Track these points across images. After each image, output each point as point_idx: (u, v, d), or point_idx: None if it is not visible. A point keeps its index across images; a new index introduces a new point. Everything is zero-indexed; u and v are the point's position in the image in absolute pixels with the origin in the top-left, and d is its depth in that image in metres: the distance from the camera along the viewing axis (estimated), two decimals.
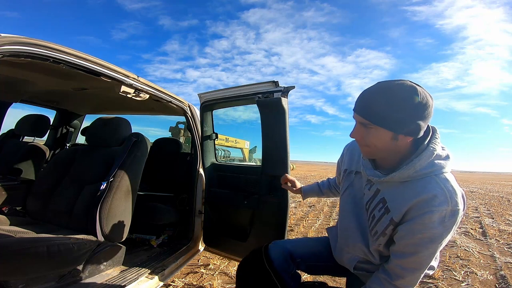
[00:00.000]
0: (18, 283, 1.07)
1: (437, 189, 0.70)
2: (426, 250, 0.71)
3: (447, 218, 0.68)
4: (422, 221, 0.69)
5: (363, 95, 0.74)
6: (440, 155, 0.74)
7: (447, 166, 0.74)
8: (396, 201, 0.75)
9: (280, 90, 1.48)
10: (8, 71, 1.37)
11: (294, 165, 22.43)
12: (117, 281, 1.33)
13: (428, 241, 0.70)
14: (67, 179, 1.59)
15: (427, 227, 0.69)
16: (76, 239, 1.23)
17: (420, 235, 0.70)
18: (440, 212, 0.68)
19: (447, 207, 0.68)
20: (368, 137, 0.74)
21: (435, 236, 0.69)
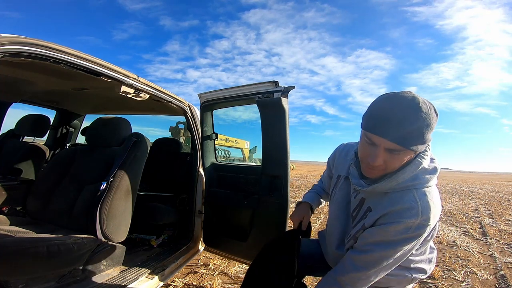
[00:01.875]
0: (18, 283, 1.07)
1: (411, 203, 0.69)
2: (379, 252, 0.72)
3: (412, 229, 0.68)
4: (387, 228, 0.70)
5: (391, 119, 0.65)
6: (426, 169, 0.73)
7: (432, 180, 0.73)
8: (377, 208, 0.76)
9: (280, 90, 1.48)
10: (8, 71, 1.37)
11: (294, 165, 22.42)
12: (117, 281, 1.33)
13: (384, 245, 0.71)
14: (67, 179, 1.59)
15: (389, 233, 0.70)
16: (76, 239, 1.23)
17: (379, 237, 0.72)
18: (406, 224, 0.68)
19: (416, 220, 0.68)
20: (392, 161, 0.69)
21: (393, 242, 0.70)
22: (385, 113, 0.66)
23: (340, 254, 0.88)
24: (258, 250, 1.08)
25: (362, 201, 0.82)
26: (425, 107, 0.65)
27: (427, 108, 0.65)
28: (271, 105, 1.49)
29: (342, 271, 0.79)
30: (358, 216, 0.82)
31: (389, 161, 0.69)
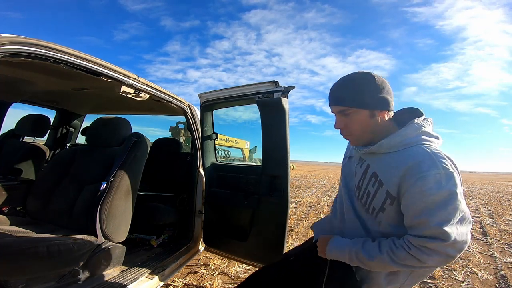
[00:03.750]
0: (18, 283, 1.06)
1: (423, 155, 0.71)
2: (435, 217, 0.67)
3: (444, 181, 0.68)
4: (419, 188, 0.69)
5: (332, 90, 0.84)
6: (428, 133, 0.78)
7: (435, 143, 0.76)
8: (387, 173, 0.76)
9: (280, 90, 1.48)
10: (8, 71, 1.37)
11: (294, 165, 22.44)
12: (117, 281, 1.33)
13: (434, 208, 0.68)
14: (67, 179, 1.59)
15: (425, 194, 0.68)
16: (76, 239, 1.23)
17: (423, 203, 0.68)
18: (433, 177, 0.68)
19: (440, 171, 0.68)
20: (351, 123, 0.81)
21: (440, 201, 0.68)
22: (332, 87, 0.85)
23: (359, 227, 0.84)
24: (258, 250, 1.07)
25: (367, 168, 0.83)
26: (359, 75, 0.80)
27: (363, 75, 0.80)
28: (271, 105, 1.49)
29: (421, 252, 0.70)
30: (365, 183, 0.82)
31: (348, 123, 0.82)
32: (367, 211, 0.81)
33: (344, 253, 0.80)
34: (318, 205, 6.46)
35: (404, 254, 0.70)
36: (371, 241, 0.77)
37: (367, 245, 0.77)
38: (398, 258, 0.71)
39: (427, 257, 0.68)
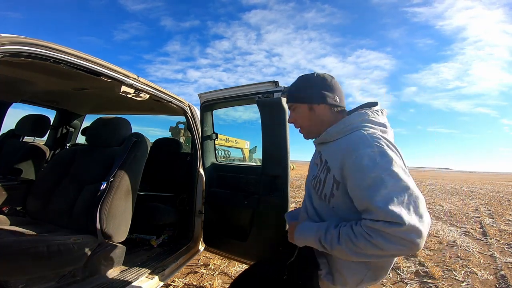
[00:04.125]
0: (18, 283, 1.06)
1: (360, 137, 0.76)
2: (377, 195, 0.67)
3: (379, 158, 0.70)
4: (355, 168, 0.72)
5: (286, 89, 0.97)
6: (373, 120, 0.82)
7: (379, 131, 0.80)
8: (332, 158, 0.81)
9: (280, 90, 1.48)
10: (8, 71, 1.37)
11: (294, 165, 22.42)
12: (117, 281, 1.33)
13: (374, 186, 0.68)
14: (67, 179, 1.59)
15: (362, 172, 0.70)
16: (76, 239, 1.23)
17: (363, 181, 0.70)
18: (367, 155, 0.71)
19: (373, 149, 0.71)
20: (296, 118, 0.92)
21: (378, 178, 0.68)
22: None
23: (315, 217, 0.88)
24: (258, 250, 1.07)
25: (321, 157, 0.87)
26: (305, 75, 0.93)
27: (307, 75, 0.92)
28: (271, 105, 1.49)
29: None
30: (319, 171, 0.86)
31: (295, 118, 0.93)
32: (320, 198, 0.84)
33: (310, 238, 0.80)
34: None
35: (364, 243, 0.68)
36: (333, 227, 0.76)
37: (329, 233, 0.76)
38: (358, 248, 0.70)
39: (389, 244, 0.66)
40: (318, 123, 0.89)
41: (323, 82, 0.89)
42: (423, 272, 2.67)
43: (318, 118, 0.89)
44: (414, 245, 0.65)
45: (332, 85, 0.88)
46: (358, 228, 0.70)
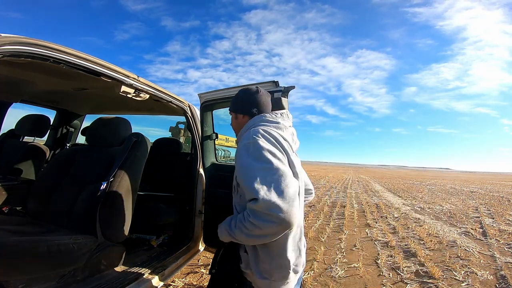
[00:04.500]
0: (18, 283, 1.06)
1: (248, 133, 0.92)
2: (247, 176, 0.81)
3: (252, 148, 0.85)
4: (237, 155, 0.89)
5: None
6: (268, 120, 0.99)
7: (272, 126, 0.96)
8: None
9: (280, 90, 1.48)
10: (8, 71, 1.37)
11: None
12: (117, 281, 1.33)
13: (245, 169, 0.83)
14: (67, 179, 1.59)
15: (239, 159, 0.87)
16: (76, 239, 1.23)
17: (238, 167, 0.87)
18: (244, 145, 0.88)
19: (249, 140, 0.87)
20: (232, 121, 1.12)
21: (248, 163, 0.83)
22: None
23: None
24: None
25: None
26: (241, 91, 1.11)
27: (241, 90, 1.10)
28: (271, 105, 1.49)
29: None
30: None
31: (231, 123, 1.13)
32: (234, 191, 1.01)
33: (224, 233, 0.91)
34: (318, 205, 6.46)
35: (249, 225, 0.79)
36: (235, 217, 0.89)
37: (232, 223, 0.88)
38: (246, 229, 0.80)
39: (261, 222, 0.76)
40: (238, 128, 1.08)
41: (249, 97, 1.06)
42: (423, 272, 2.67)
43: (239, 125, 1.08)
44: (280, 219, 0.74)
45: (255, 100, 1.05)
46: (245, 212, 0.82)
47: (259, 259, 0.90)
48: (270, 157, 0.82)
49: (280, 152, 0.87)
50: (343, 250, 3.33)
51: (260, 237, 0.80)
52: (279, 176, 0.79)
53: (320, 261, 2.96)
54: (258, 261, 0.90)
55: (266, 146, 0.84)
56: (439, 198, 8.91)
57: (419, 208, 6.66)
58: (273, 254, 0.89)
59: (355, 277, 2.58)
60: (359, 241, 3.75)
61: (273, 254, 0.88)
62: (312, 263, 2.86)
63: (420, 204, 7.37)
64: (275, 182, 0.78)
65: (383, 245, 3.60)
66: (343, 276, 2.59)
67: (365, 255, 3.19)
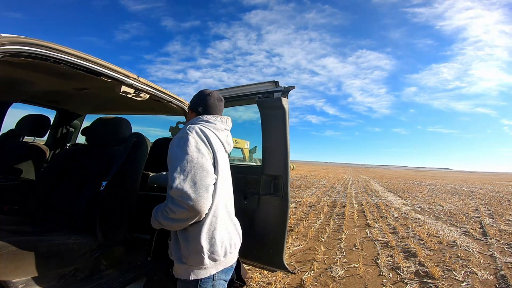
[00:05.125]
0: (18, 283, 1.06)
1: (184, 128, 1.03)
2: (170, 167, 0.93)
3: (182, 142, 0.96)
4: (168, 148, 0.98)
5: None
6: (207, 120, 1.09)
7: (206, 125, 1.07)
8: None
9: (280, 90, 1.48)
10: (8, 71, 1.37)
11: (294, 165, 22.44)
12: (117, 281, 1.33)
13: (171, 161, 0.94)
14: (67, 179, 1.59)
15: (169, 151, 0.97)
16: (76, 239, 1.23)
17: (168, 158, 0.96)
18: (176, 139, 0.98)
19: (182, 135, 0.98)
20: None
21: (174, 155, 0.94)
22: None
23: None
24: (258, 250, 1.09)
25: None
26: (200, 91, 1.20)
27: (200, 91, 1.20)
28: (271, 105, 1.49)
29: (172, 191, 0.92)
30: None
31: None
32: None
33: (153, 219, 1.02)
34: (318, 205, 6.47)
35: (166, 208, 0.92)
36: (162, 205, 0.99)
37: (157, 208, 1.00)
38: (166, 213, 0.92)
39: (175, 207, 0.88)
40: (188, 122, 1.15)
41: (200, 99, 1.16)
42: (423, 272, 2.67)
43: (189, 119, 1.17)
44: (189, 206, 0.87)
45: (206, 103, 1.14)
46: (167, 199, 0.94)
47: (179, 245, 0.98)
48: (194, 151, 0.93)
49: (207, 148, 0.98)
50: (343, 250, 3.33)
51: (175, 221, 0.92)
52: (197, 169, 0.91)
53: (320, 261, 2.96)
54: (178, 246, 0.98)
55: (193, 142, 0.95)
56: (439, 198, 8.91)
57: (419, 208, 6.66)
58: (189, 240, 0.96)
59: (355, 277, 2.58)
60: (359, 241, 3.75)
61: (189, 239, 0.96)
62: (312, 263, 2.86)
63: (420, 204, 7.37)
64: (191, 174, 0.89)
65: (383, 245, 3.60)
66: (343, 276, 2.59)
67: (365, 255, 3.19)
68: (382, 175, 30.86)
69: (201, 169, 0.91)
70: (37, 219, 1.53)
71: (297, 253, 3.22)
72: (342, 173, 30.77)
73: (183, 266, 0.97)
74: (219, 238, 0.99)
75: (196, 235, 0.95)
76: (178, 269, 0.99)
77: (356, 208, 6.30)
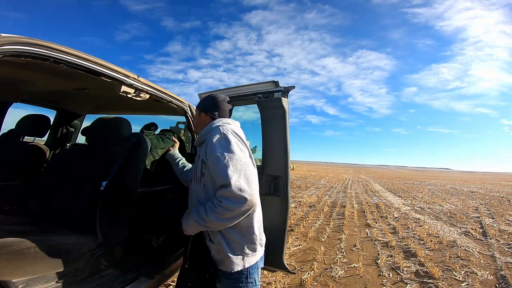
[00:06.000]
0: (18, 283, 1.06)
1: (214, 129, 1.09)
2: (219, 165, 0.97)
3: (222, 141, 1.02)
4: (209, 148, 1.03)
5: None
6: (225, 123, 1.14)
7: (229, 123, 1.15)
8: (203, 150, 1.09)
9: (280, 90, 1.48)
10: (8, 71, 1.37)
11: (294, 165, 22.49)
12: (117, 281, 1.33)
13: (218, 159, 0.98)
14: (67, 179, 1.59)
15: (212, 150, 1.01)
16: (76, 239, 1.23)
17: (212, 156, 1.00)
18: (216, 139, 1.03)
19: (220, 135, 1.04)
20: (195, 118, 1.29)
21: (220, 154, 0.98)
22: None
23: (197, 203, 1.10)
24: None
25: (198, 157, 1.16)
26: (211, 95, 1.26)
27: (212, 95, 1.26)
28: (272, 105, 1.49)
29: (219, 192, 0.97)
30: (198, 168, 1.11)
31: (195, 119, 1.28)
32: (196, 182, 1.11)
33: (190, 223, 1.04)
34: (318, 205, 6.47)
35: (220, 208, 0.94)
36: (200, 206, 1.03)
37: (200, 212, 1.00)
38: (218, 214, 0.95)
39: (233, 205, 0.93)
40: (201, 125, 1.20)
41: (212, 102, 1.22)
42: (423, 272, 2.67)
43: (201, 122, 1.22)
44: (245, 199, 0.92)
45: (219, 105, 1.21)
46: (214, 199, 0.97)
47: (230, 240, 1.03)
48: (238, 150, 1.00)
49: (244, 146, 1.06)
50: (343, 250, 3.33)
51: (232, 219, 0.96)
52: (246, 166, 0.98)
53: (320, 261, 2.96)
54: (229, 242, 1.03)
55: (234, 141, 1.03)
56: (439, 198, 8.91)
57: (419, 208, 6.66)
58: (243, 232, 1.04)
59: (355, 277, 2.58)
60: (359, 241, 3.75)
61: (243, 232, 1.04)
62: (312, 263, 2.86)
63: (420, 204, 7.37)
64: (243, 171, 0.96)
65: (383, 245, 3.60)
66: (343, 276, 2.59)
67: (365, 255, 3.19)
68: (382, 175, 30.87)
69: (249, 165, 0.99)
70: (37, 219, 1.53)
71: (297, 253, 3.22)
72: (342, 173, 30.77)
73: (238, 257, 1.03)
74: (262, 226, 1.13)
75: (250, 226, 1.05)
76: (230, 263, 1.03)
77: (356, 208, 6.30)
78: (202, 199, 1.07)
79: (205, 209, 0.99)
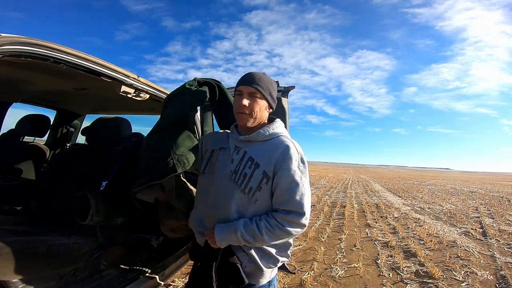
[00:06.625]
0: (18, 283, 1.06)
1: (288, 143, 0.95)
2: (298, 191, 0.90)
3: (301, 163, 0.93)
4: (287, 167, 0.91)
5: (250, 74, 0.99)
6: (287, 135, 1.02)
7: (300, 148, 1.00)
8: (263, 156, 0.94)
9: (280, 90, 1.48)
10: (8, 71, 1.37)
11: None
12: (117, 281, 1.33)
13: (296, 184, 0.90)
14: (67, 179, 1.59)
15: (290, 171, 0.90)
16: (76, 239, 1.23)
17: (288, 178, 0.90)
18: (295, 159, 0.92)
19: (299, 155, 0.94)
20: (254, 105, 0.96)
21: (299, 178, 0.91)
22: (247, 75, 1.00)
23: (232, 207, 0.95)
24: None
25: (244, 154, 0.98)
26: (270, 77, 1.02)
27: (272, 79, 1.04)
28: None
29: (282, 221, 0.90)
30: (241, 166, 0.95)
31: (251, 103, 0.95)
32: (243, 191, 0.93)
33: (231, 237, 0.91)
34: (318, 205, 6.46)
35: (279, 231, 0.89)
36: (249, 222, 0.91)
37: (249, 229, 0.90)
38: (274, 235, 0.90)
39: (293, 229, 0.89)
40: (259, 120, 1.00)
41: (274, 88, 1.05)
42: (423, 272, 2.67)
43: (262, 117, 1.01)
44: (306, 226, 0.93)
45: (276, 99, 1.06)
46: (272, 220, 0.90)
47: (265, 253, 0.96)
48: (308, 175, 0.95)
49: None
50: (343, 250, 3.33)
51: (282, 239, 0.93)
52: (308, 194, 0.92)
53: (320, 261, 2.96)
54: (264, 255, 0.96)
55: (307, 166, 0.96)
56: (439, 198, 8.91)
57: (419, 208, 6.66)
58: (279, 246, 0.98)
59: (355, 277, 2.58)
60: (359, 241, 3.75)
61: (279, 245, 0.98)
62: (312, 263, 2.86)
63: (420, 204, 7.37)
64: (307, 199, 0.91)
65: (383, 245, 3.60)
66: (343, 276, 2.59)
67: (365, 255, 3.19)
68: (382, 175, 30.88)
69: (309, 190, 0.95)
70: (37, 219, 1.53)
71: (297, 253, 3.22)
72: (342, 173, 30.78)
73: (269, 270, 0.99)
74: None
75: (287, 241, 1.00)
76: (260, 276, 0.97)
77: (356, 208, 6.30)
78: (247, 214, 0.94)
79: (257, 227, 0.89)
